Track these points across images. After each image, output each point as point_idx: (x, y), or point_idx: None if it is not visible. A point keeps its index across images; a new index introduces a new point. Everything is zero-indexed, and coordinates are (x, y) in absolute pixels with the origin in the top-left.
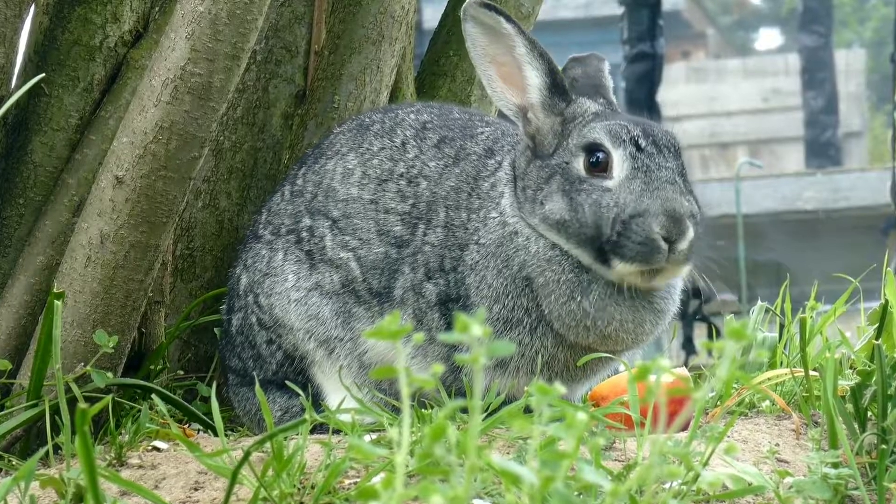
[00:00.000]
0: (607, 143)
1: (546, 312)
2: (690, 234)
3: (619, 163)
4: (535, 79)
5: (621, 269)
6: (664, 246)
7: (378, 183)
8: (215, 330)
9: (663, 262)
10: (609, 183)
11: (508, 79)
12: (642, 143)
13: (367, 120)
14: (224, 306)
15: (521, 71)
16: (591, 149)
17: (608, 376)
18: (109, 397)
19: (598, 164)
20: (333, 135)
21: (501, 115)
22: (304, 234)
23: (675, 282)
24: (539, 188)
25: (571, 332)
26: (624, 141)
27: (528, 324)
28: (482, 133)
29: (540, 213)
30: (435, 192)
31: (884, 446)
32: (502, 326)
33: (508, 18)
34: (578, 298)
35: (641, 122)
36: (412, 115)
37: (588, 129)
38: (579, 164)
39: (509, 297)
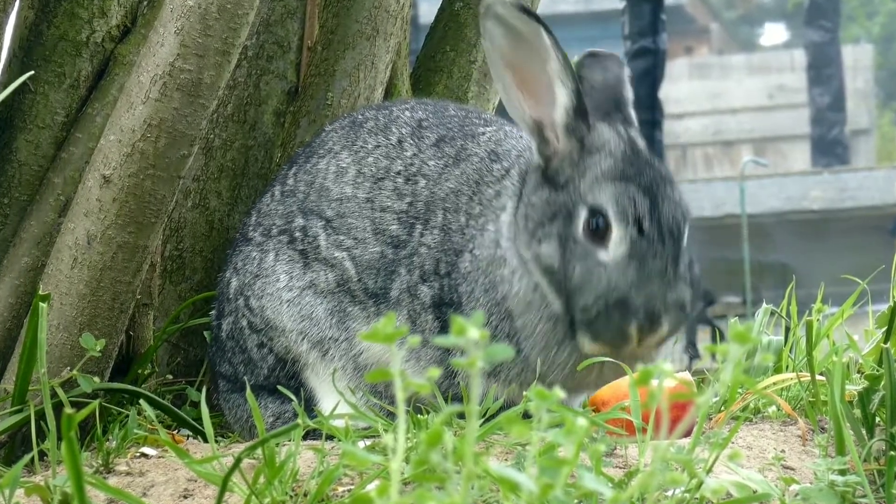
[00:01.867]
0: (611, 216)
1: (522, 350)
2: (663, 332)
3: (618, 241)
4: (563, 98)
5: (586, 347)
6: (635, 339)
7: (374, 181)
8: (205, 333)
9: (631, 351)
10: (603, 256)
11: (529, 89)
12: (645, 225)
13: (359, 117)
14: (213, 312)
15: (551, 87)
16: (595, 212)
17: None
18: (96, 402)
19: (598, 231)
20: (325, 133)
21: (500, 111)
22: (298, 234)
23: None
24: (541, 224)
25: (547, 376)
26: (628, 221)
27: (511, 345)
28: (484, 133)
29: (534, 252)
30: (434, 193)
31: (892, 453)
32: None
33: (547, 27)
34: (553, 351)
35: (653, 191)
36: (407, 113)
37: (599, 190)
38: (581, 220)
39: (493, 317)
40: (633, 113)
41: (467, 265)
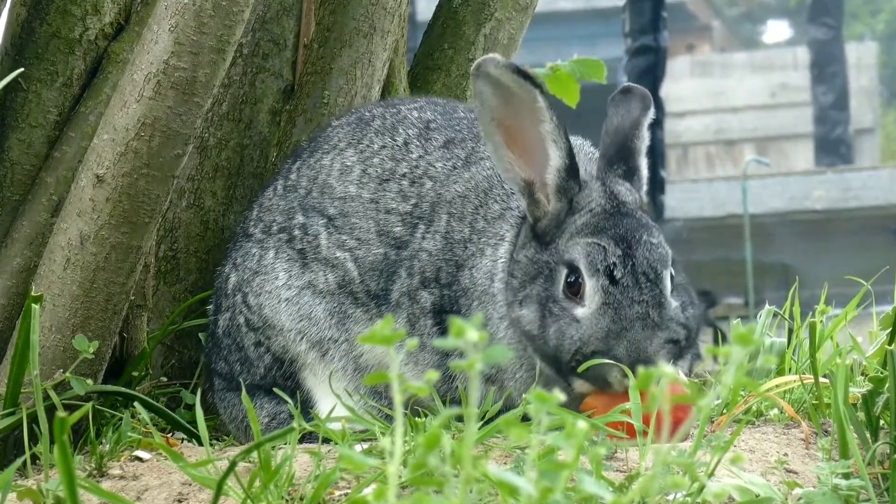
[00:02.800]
0: (582, 269)
1: (506, 387)
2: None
3: (591, 293)
4: (556, 159)
5: (580, 387)
6: (626, 383)
7: (379, 182)
8: (200, 335)
9: (624, 387)
10: (579, 311)
11: (520, 149)
12: (618, 274)
13: (367, 114)
14: (211, 307)
15: (544, 147)
16: (570, 267)
17: None
18: (89, 405)
19: (573, 286)
20: (331, 128)
21: None
22: (297, 231)
23: None
24: (523, 284)
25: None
26: (598, 270)
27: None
28: None
29: (514, 315)
30: (440, 194)
31: None
32: None
33: (542, 90)
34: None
35: (627, 239)
36: (415, 113)
37: (571, 245)
38: (560, 279)
39: None
40: (640, 163)
41: (466, 282)
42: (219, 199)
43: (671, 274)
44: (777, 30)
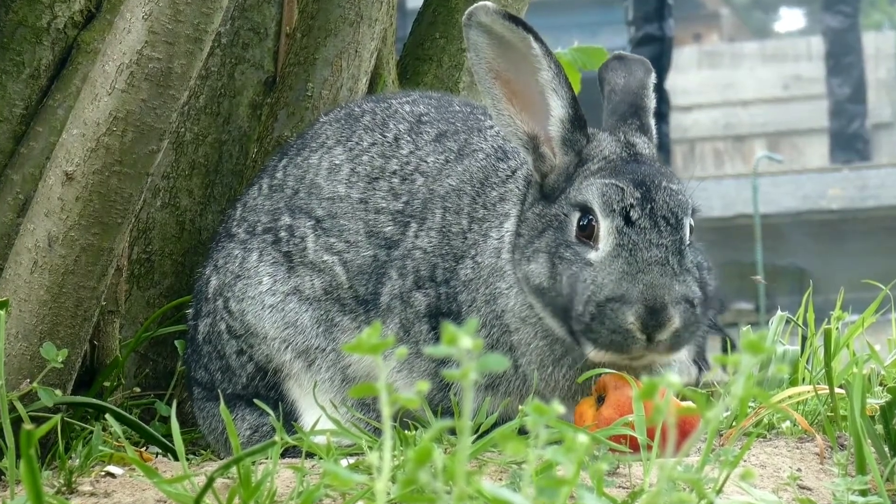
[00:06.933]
0: (596, 209)
1: (520, 365)
2: (674, 324)
3: (605, 235)
4: (558, 109)
5: (594, 356)
6: (640, 336)
7: (368, 181)
8: (176, 343)
9: (641, 351)
10: (592, 255)
11: (520, 102)
12: (634, 215)
13: (356, 110)
14: (190, 311)
15: (544, 98)
16: (583, 209)
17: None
18: (58, 417)
19: (585, 230)
20: (319, 124)
21: None
22: (283, 233)
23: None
24: (531, 241)
25: (545, 394)
26: (614, 210)
27: (510, 358)
28: (492, 127)
29: (523, 271)
30: (433, 190)
31: None
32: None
33: (536, 36)
34: (550, 369)
35: (646, 183)
36: (406, 107)
37: (584, 186)
38: (572, 223)
39: (494, 329)
40: (651, 122)
41: (469, 272)
42: (195, 198)
43: (691, 225)
44: (790, 18)
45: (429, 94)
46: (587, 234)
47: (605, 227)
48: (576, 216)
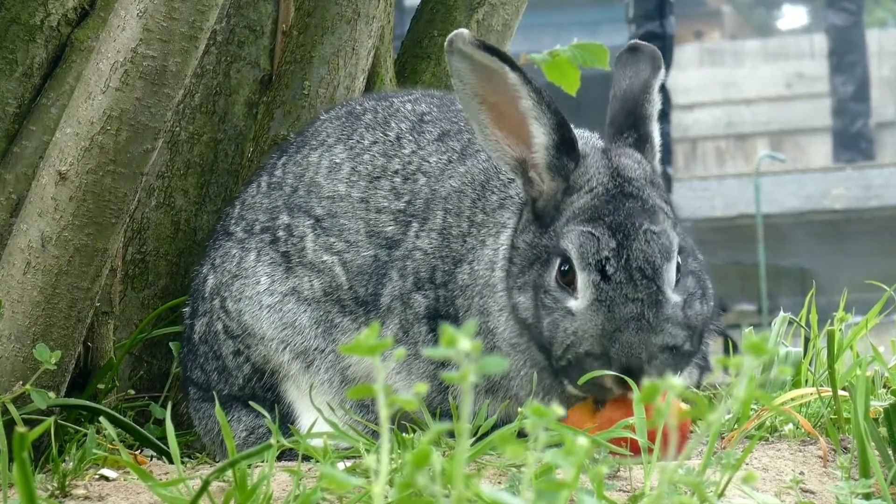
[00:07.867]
0: (574, 261)
1: (511, 388)
2: (651, 378)
3: (583, 287)
4: (541, 136)
5: (571, 390)
6: (617, 391)
7: (369, 180)
8: (171, 344)
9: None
10: (572, 304)
11: (506, 127)
12: (609, 269)
13: (357, 108)
14: (186, 309)
15: (526, 125)
16: (563, 258)
17: None
18: (51, 420)
19: (566, 276)
20: (319, 122)
21: None
22: (281, 233)
23: None
24: (522, 270)
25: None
26: (590, 264)
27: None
28: None
29: (513, 301)
30: (435, 190)
31: None
32: None
33: (513, 65)
34: (540, 396)
35: (625, 228)
36: (408, 106)
37: (565, 233)
38: (555, 266)
39: (486, 342)
40: (652, 130)
41: (465, 277)
42: (191, 197)
43: (678, 264)
44: (793, 15)
45: (430, 92)
46: (567, 280)
47: (582, 280)
48: (557, 261)
